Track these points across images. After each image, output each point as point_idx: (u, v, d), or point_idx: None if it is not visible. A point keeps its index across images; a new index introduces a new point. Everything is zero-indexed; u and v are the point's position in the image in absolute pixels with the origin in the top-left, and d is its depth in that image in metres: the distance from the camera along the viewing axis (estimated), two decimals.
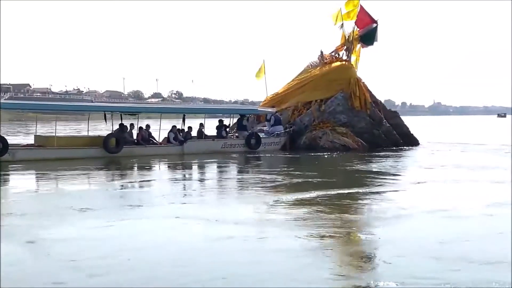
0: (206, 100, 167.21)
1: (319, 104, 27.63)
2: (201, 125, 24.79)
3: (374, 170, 18.61)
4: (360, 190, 13.52)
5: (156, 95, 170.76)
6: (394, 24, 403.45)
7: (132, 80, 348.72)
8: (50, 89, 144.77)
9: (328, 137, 26.41)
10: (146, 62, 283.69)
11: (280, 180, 15.98)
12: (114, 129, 22.63)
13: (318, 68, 28.91)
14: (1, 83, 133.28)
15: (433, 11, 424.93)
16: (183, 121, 24.60)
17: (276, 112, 27.24)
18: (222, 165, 20.87)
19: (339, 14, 28.80)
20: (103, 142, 21.19)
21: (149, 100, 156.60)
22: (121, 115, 23.31)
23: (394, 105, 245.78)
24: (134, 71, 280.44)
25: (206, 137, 24.96)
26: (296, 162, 22.65)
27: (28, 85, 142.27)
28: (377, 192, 13.22)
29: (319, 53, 29.55)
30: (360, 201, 11.94)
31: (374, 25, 28.82)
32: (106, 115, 23.14)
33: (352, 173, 18.18)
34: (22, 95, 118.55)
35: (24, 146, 21.44)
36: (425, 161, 21.88)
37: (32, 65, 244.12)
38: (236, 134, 26.17)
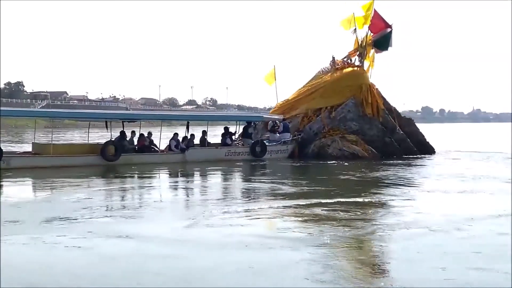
0: (240, 107, 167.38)
1: (329, 111, 26.96)
2: (204, 132, 24.35)
3: (369, 179, 18.08)
4: (339, 200, 12.98)
5: (191, 102, 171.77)
6: (431, 28, 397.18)
7: (167, 87, 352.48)
8: (86, 96, 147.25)
9: (337, 145, 25.68)
10: (181, 70, 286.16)
11: (263, 188, 15.64)
12: (115, 137, 22.42)
13: (329, 74, 28.22)
14: (39, 90, 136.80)
15: (470, 13, 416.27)
16: (187, 128, 24.31)
17: (284, 119, 26.69)
18: (216, 173, 20.40)
19: (352, 18, 28.11)
20: (100, 149, 20.96)
21: (183, 107, 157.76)
22: (122, 122, 23.10)
23: (432, 112, 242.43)
24: (170, 79, 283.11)
25: (209, 144, 24.57)
26: (298, 170, 22.18)
27: (65, 92, 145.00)
28: (347, 203, 12.55)
29: (331, 59, 28.84)
30: (322, 213, 11.25)
31: (389, 29, 28.03)
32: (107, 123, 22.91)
33: (345, 182, 17.44)
34: (59, 103, 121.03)
35: (20, 153, 21.41)
36: (429, 170, 21.14)
37: (69, 73, 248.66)
38: (241, 142, 25.70)
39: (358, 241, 8.69)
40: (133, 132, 22.75)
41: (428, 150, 28.61)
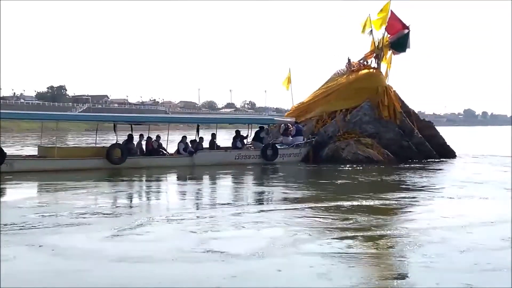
0: (278, 110, 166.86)
1: (344, 114, 26.45)
2: (213, 135, 24.13)
3: (371, 183, 17.67)
4: (319, 205, 12.62)
5: (229, 105, 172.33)
6: (471, 27, 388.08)
7: (206, 90, 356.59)
8: (127, 100, 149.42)
9: (351, 148, 25.17)
10: (220, 73, 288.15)
11: (246, 193, 15.65)
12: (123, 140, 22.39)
13: (345, 76, 27.71)
14: (81, 94, 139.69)
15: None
16: (197, 131, 24.13)
17: (297, 122, 26.31)
18: (214, 176, 20.04)
19: (368, 20, 27.54)
20: (106, 152, 20.92)
21: (222, 110, 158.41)
22: (131, 125, 23.11)
23: (474, 115, 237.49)
24: (209, 82, 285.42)
25: (218, 148, 24.35)
26: (304, 174, 21.95)
27: (106, 96, 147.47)
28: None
29: (347, 61, 28.31)
30: (292, 220, 10.89)
31: (406, 31, 27.37)
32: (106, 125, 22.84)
33: (340, 186, 16.93)
34: (100, 106, 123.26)
35: (25, 156, 21.51)
36: (439, 175, 20.53)
37: (110, 77, 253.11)
38: (252, 145, 25.40)
39: (304, 253, 8.20)
40: (141, 136, 22.66)
41: (448, 154, 27.79)
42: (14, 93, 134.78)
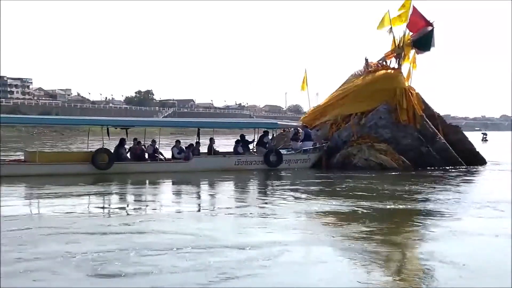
0: None
1: (360, 118, 24.83)
2: (212, 140, 23.29)
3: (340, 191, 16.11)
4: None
5: None
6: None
7: (293, 94, 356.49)
8: (212, 104, 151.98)
9: (363, 154, 23.56)
10: (308, 77, 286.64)
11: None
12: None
13: (361, 77, 26.05)
14: (167, 99, 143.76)
15: None
16: (198, 135, 23.48)
17: (306, 126, 25.06)
18: (187, 184, 19.24)
19: (387, 17, 25.77)
20: (91, 157, 20.62)
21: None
22: (126, 130, 22.79)
23: None
24: (296, 86, 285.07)
25: (217, 153, 23.53)
26: (296, 183, 20.45)
27: (192, 100, 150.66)
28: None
29: (364, 61, 26.61)
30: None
31: (430, 28, 25.36)
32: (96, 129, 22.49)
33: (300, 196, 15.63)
34: (185, 110, 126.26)
35: (9, 161, 21.48)
36: (448, 185, 18.59)
37: (195, 82, 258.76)
38: (255, 150, 24.40)
39: None
40: (135, 140, 22.31)
41: (477, 160, 25.51)
42: (106, 97, 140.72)
